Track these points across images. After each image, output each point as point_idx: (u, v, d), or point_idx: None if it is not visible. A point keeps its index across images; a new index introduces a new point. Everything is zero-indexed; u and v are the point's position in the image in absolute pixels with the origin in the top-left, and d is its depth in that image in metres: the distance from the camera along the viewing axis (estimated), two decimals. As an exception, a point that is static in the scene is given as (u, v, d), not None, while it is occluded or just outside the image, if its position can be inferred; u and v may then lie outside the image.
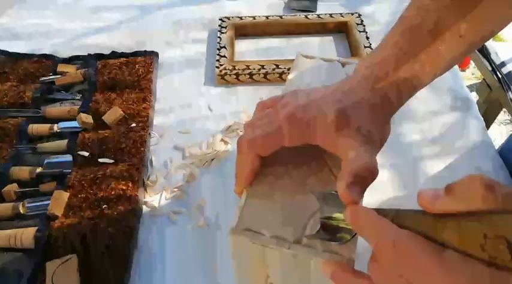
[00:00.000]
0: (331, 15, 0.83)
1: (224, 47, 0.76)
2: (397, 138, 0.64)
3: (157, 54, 0.77)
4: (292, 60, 0.51)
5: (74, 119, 0.64)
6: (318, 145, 0.35)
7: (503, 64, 1.20)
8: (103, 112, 0.65)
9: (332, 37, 0.82)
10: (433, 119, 0.66)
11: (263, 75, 0.72)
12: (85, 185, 0.56)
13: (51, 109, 0.67)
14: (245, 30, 0.82)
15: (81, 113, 0.64)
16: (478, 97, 1.33)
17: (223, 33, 0.79)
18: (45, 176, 0.59)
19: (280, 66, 0.72)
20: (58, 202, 0.53)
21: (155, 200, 0.57)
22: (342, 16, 0.83)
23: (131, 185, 0.55)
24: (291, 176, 0.37)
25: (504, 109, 1.23)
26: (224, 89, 0.72)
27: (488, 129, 0.78)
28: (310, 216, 0.34)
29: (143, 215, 0.55)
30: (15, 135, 0.63)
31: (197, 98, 0.71)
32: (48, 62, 0.75)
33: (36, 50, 0.79)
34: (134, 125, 0.63)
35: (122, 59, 0.74)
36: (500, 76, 1.18)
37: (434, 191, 0.24)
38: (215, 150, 0.62)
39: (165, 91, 0.72)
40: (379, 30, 0.83)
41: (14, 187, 0.56)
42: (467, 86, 0.73)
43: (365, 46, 0.75)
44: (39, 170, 0.58)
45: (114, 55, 0.76)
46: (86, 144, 0.61)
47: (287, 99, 0.38)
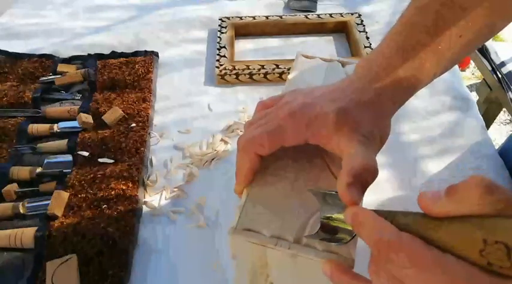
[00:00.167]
0: (331, 15, 0.83)
1: (224, 47, 0.76)
2: (397, 138, 0.63)
3: (157, 54, 0.77)
4: (292, 60, 0.51)
5: (74, 119, 0.64)
6: (318, 144, 0.35)
7: (503, 64, 1.20)
8: (103, 112, 0.65)
9: (332, 37, 0.82)
10: (433, 119, 0.66)
11: (263, 75, 0.72)
12: (85, 185, 0.56)
13: (51, 109, 0.67)
14: (245, 30, 0.82)
15: (81, 113, 0.64)
16: (478, 97, 1.33)
17: (223, 33, 0.80)
18: (45, 176, 0.59)
19: (280, 66, 0.72)
20: (58, 202, 0.53)
21: (155, 200, 0.57)
22: (342, 16, 0.83)
23: (131, 185, 0.55)
24: (291, 176, 0.37)
25: (504, 109, 1.23)
26: (224, 89, 0.72)
27: (488, 129, 0.78)
28: (310, 216, 0.34)
29: (143, 215, 0.55)
30: (15, 135, 0.63)
31: (197, 98, 0.71)
32: (48, 62, 0.75)
33: (36, 50, 0.79)
34: (134, 125, 0.63)
35: (122, 59, 0.74)
36: (500, 76, 1.18)
37: (434, 193, 0.24)
38: (215, 150, 0.62)
39: (165, 91, 0.72)
40: (379, 30, 0.83)
41: (14, 187, 0.56)
42: (467, 86, 0.73)
43: (365, 46, 0.75)
44: (39, 170, 0.58)
45: (114, 55, 0.76)
46: (86, 144, 0.61)
47: (287, 99, 0.38)
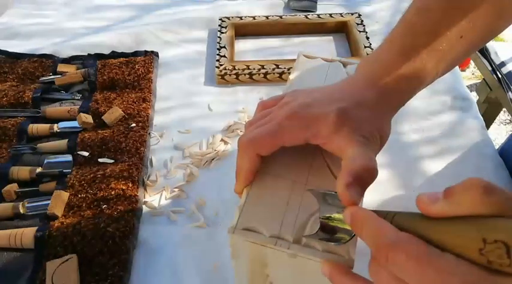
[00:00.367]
0: (331, 15, 0.83)
1: (224, 47, 0.76)
2: (397, 138, 0.63)
3: (157, 53, 0.77)
4: (292, 60, 0.51)
5: (74, 119, 0.64)
6: (318, 145, 0.35)
7: (503, 64, 1.20)
8: (103, 112, 0.65)
9: (332, 37, 0.82)
10: (433, 119, 0.66)
11: (263, 75, 0.72)
12: (85, 185, 0.55)
13: (51, 109, 0.67)
14: (245, 30, 0.82)
15: (81, 113, 0.64)
16: (478, 97, 1.33)
17: (223, 33, 0.80)
18: (45, 176, 0.59)
19: (280, 66, 0.72)
20: (58, 202, 0.53)
21: (155, 200, 0.57)
22: (342, 16, 0.83)
23: (131, 185, 0.55)
24: (291, 176, 0.37)
25: (504, 109, 1.24)
26: (224, 89, 0.72)
27: (488, 129, 0.78)
28: (309, 216, 0.34)
29: (143, 215, 0.55)
30: (15, 135, 0.63)
31: (197, 98, 0.71)
32: (48, 62, 0.75)
33: (36, 50, 0.79)
34: (134, 125, 0.63)
35: (122, 59, 0.74)
36: (500, 76, 1.18)
37: (432, 195, 0.24)
38: (215, 150, 0.62)
39: (165, 91, 0.72)
40: (379, 30, 0.83)
41: (14, 187, 0.56)
42: (467, 86, 0.73)
43: (365, 46, 0.75)
44: (39, 170, 0.58)
45: (114, 55, 0.76)
46: (86, 144, 0.61)
47: (287, 99, 0.38)
